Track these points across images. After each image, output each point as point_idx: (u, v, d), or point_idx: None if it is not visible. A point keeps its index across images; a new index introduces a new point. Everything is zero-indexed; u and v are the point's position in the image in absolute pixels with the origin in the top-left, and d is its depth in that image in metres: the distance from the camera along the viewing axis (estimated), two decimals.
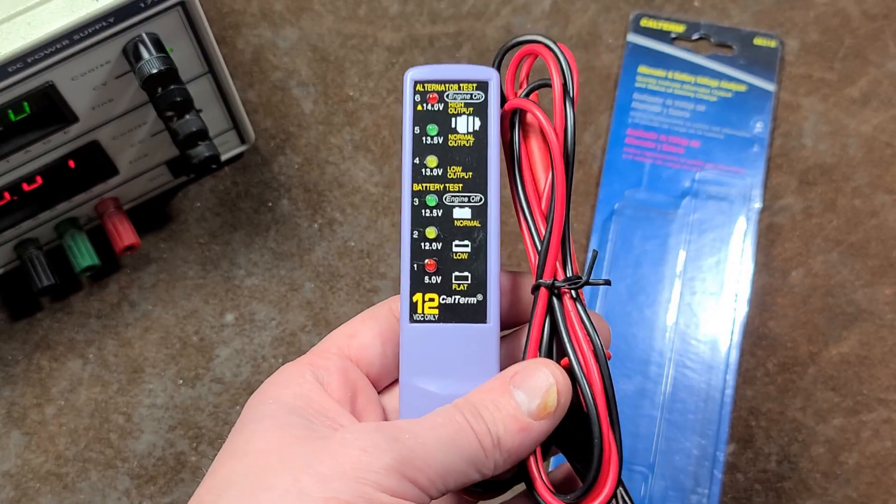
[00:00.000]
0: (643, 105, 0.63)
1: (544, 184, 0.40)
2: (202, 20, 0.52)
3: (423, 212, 0.39)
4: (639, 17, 0.65)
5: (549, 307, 0.38)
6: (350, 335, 0.40)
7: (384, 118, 0.64)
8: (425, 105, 0.39)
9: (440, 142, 0.39)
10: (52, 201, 0.56)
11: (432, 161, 0.39)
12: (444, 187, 0.39)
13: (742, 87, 0.63)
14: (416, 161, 0.39)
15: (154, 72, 0.49)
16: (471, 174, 0.39)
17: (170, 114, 0.52)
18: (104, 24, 0.48)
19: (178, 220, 0.62)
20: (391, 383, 0.41)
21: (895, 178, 0.61)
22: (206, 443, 0.58)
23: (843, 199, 0.61)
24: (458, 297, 0.39)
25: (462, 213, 0.39)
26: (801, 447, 0.57)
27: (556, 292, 0.38)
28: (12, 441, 0.58)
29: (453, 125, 0.39)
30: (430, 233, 0.39)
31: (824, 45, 0.64)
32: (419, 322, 0.39)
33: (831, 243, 0.60)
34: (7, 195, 0.54)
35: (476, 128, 0.39)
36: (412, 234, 0.39)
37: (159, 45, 0.50)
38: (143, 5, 0.49)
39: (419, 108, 0.39)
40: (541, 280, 0.38)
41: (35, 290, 0.57)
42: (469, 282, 0.39)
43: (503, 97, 0.40)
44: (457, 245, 0.39)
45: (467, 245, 0.39)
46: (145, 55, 0.50)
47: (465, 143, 0.39)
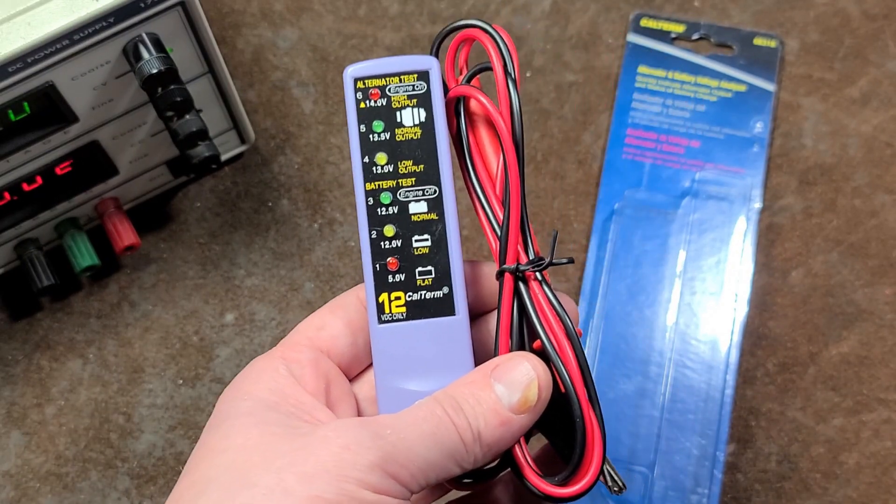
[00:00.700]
0: (643, 105, 0.63)
1: (496, 169, 0.39)
2: (202, 20, 0.52)
3: (378, 210, 0.38)
4: (639, 17, 0.65)
5: (516, 291, 0.38)
6: (319, 327, 0.39)
7: None
8: (368, 102, 0.39)
9: (387, 137, 0.39)
10: (52, 201, 0.56)
11: (382, 158, 0.39)
12: (398, 183, 0.39)
13: (742, 87, 0.63)
14: (366, 160, 0.38)
15: (154, 72, 0.49)
16: (422, 167, 0.39)
17: (170, 114, 0.52)
18: (104, 24, 0.48)
19: (178, 220, 0.62)
20: (361, 371, 0.41)
21: (895, 178, 0.61)
22: None
23: (843, 199, 0.61)
24: (423, 292, 0.38)
25: (418, 208, 0.39)
26: (801, 447, 0.57)
27: (520, 276, 0.38)
28: (12, 441, 0.58)
29: (399, 119, 0.39)
30: (389, 231, 0.38)
31: (824, 45, 0.64)
32: (388, 322, 0.38)
33: (831, 243, 0.60)
34: (7, 195, 0.54)
35: (422, 119, 0.39)
36: (370, 234, 0.38)
37: (159, 45, 0.50)
38: (143, 5, 0.49)
39: (362, 105, 0.39)
40: (504, 266, 0.38)
41: (35, 290, 0.57)
42: (433, 275, 0.38)
43: (445, 86, 0.40)
44: (416, 240, 0.38)
45: (427, 239, 0.39)
46: (145, 55, 0.50)
47: (412, 135, 0.39)
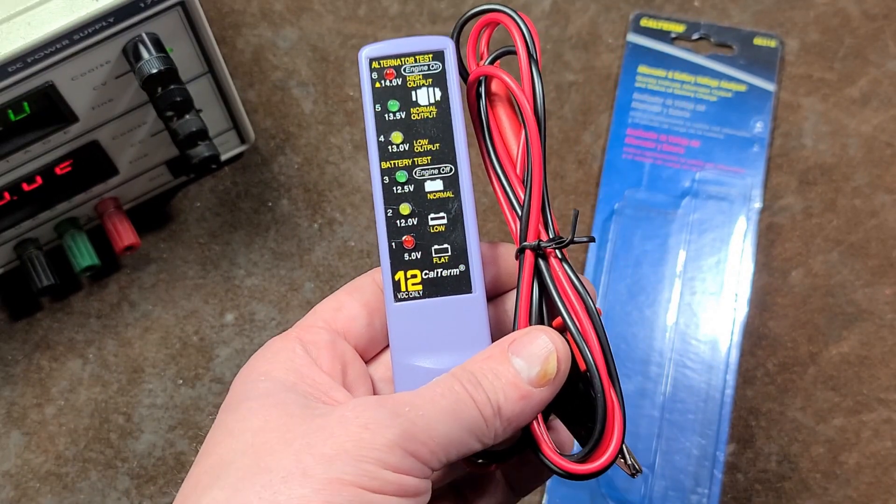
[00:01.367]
0: (643, 105, 0.63)
1: (517, 150, 0.39)
2: (202, 20, 0.52)
3: (394, 189, 0.38)
4: (639, 17, 0.65)
5: (537, 269, 0.38)
6: (336, 308, 0.39)
7: None
8: (383, 81, 0.39)
9: (403, 116, 0.39)
10: (52, 201, 0.56)
11: (397, 137, 0.39)
12: (413, 161, 0.39)
13: (742, 87, 0.63)
14: (381, 139, 0.39)
15: (154, 72, 0.49)
16: (438, 145, 0.39)
17: (170, 114, 0.52)
18: (104, 24, 0.48)
19: (178, 220, 0.62)
20: (378, 353, 0.40)
21: (895, 178, 0.61)
22: None
23: (843, 198, 0.61)
24: (440, 270, 0.38)
25: (434, 186, 0.39)
26: (802, 447, 0.57)
27: (541, 253, 0.38)
28: (12, 441, 0.58)
29: (414, 98, 0.39)
30: (405, 209, 0.38)
31: (824, 45, 0.64)
32: (404, 300, 0.38)
33: (831, 243, 0.60)
34: (7, 195, 0.54)
35: (437, 98, 0.39)
36: (386, 213, 0.38)
37: (159, 45, 0.50)
38: (142, 5, 0.48)
39: (377, 85, 0.39)
40: (525, 243, 0.38)
41: (35, 290, 0.57)
42: (449, 253, 0.38)
43: (464, 68, 0.40)
44: (433, 218, 0.38)
45: (443, 217, 0.38)
46: (145, 55, 0.50)
47: (428, 114, 0.39)
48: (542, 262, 0.38)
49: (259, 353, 0.38)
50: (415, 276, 0.38)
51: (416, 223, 0.38)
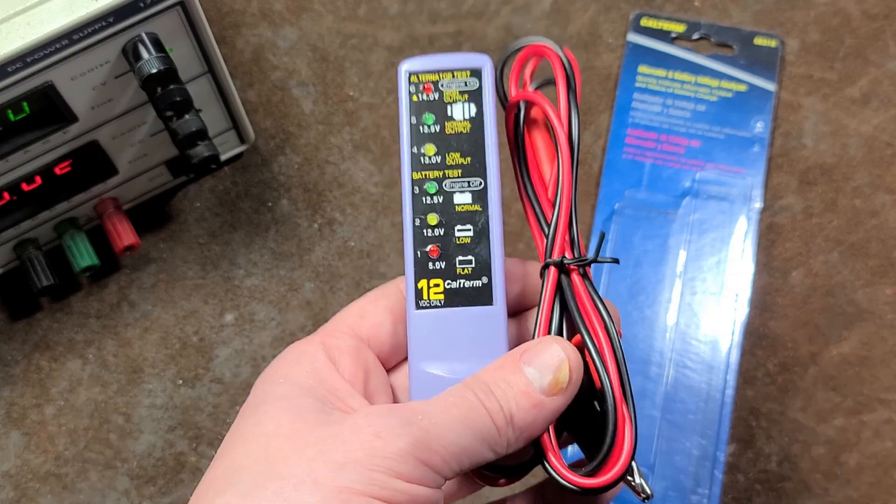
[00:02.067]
0: (643, 105, 0.63)
1: (549, 175, 0.41)
2: (202, 20, 0.51)
3: (423, 199, 0.39)
4: (639, 17, 0.65)
5: (559, 285, 0.39)
6: (361, 315, 0.40)
7: (384, 118, 0.63)
8: (420, 95, 0.40)
9: (437, 130, 0.40)
10: (52, 201, 0.56)
11: (430, 149, 0.40)
12: (444, 174, 0.39)
13: (742, 87, 0.63)
14: (415, 150, 0.39)
15: (153, 72, 0.49)
16: (469, 159, 0.39)
17: (169, 114, 0.52)
18: (104, 23, 0.48)
19: (177, 220, 0.62)
20: (399, 362, 0.41)
21: (895, 177, 0.61)
22: (205, 443, 0.58)
23: (844, 198, 0.61)
24: (462, 280, 0.39)
25: (463, 199, 0.39)
26: (802, 447, 0.56)
27: (564, 270, 0.39)
28: (12, 441, 0.58)
29: (449, 113, 0.40)
30: (432, 219, 0.39)
31: (825, 45, 0.64)
32: (425, 308, 0.39)
33: (832, 243, 0.60)
34: (6, 195, 0.54)
35: (472, 114, 0.40)
36: (414, 222, 0.39)
37: (159, 44, 0.50)
38: (142, 5, 0.48)
39: (414, 98, 0.40)
40: (549, 259, 0.39)
41: (34, 291, 0.57)
42: (473, 265, 0.39)
43: (505, 92, 0.41)
44: (459, 230, 0.39)
45: (469, 229, 0.39)
46: (145, 55, 0.50)
47: (462, 129, 0.40)
48: (564, 279, 0.39)
49: (282, 356, 0.38)
50: (437, 285, 0.39)
51: (442, 233, 0.39)
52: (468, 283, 0.39)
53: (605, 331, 0.37)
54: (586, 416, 0.37)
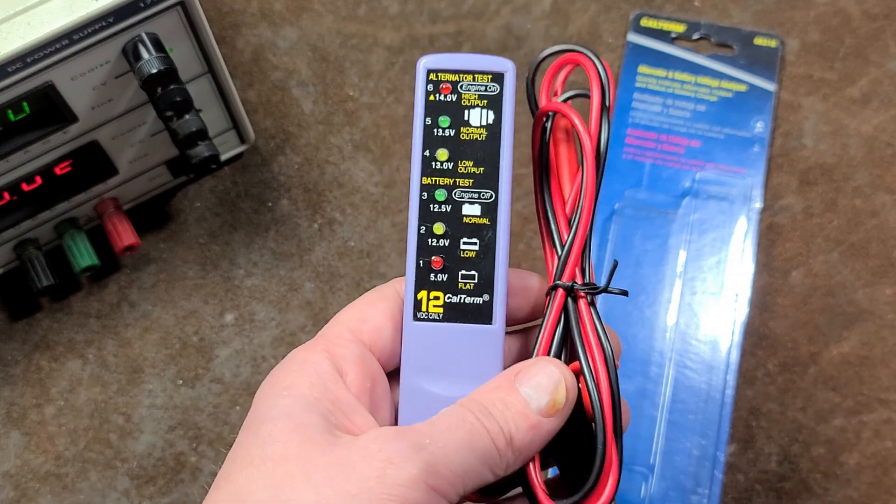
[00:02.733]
0: (643, 105, 0.63)
1: (569, 192, 0.39)
2: (202, 20, 0.51)
3: (431, 206, 0.38)
4: (639, 17, 0.65)
5: (565, 309, 0.38)
6: (362, 319, 0.38)
7: (384, 118, 0.63)
8: (438, 95, 0.38)
9: (452, 134, 0.38)
10: (52, 201, 0.56)
11: (443, 154, 0.38)
12: (454, 182, 0.38)
13: (742, 87, 0.63)
14: (427, 153, 0.38)
15: (154, 72, 0.49)
16: (482, 169, 0.38)
17: (169, 114, 0.52)
18: (104, 23, 0.48)
19: (177, 220, 0.62)
20: (398, 367, 0.40)
21: (895, 178, 0.61)
22: (205, 443, 0.58)
23: (844, 199, 0.61)
24: (463, 296, 0.38)
25: (471, 210, 0.38)
26: (802, 447, 0.56)
27: (572, 294, 0.38)
28: (12, 441, 0.58)
29: (466, 118, 0.38)
30: (438, 228, 0.38)
31: (825, 45, 0.64)
32: (423, 320, 0.38)
33: (832, 243, 0.60)
34: (6, 195, 0.54)
35: (489, 121, 0.38)
36: (419, 230, 0.38)
37: (159, 44, 0.50)
38: (142, 5, 0.48)
39: (431, 98, 0.38)
40: (559, 282, 0.38)
41: (35, 291, 0.57)
42: (476, 281, 0.38)
43: (535, 101, 0.40)
44: (465, 242, 0.38)
45: (476, 243, 0.38)
46: (145, 55, 0.50)
47: (477, 136, 0.38)
48: (570, 304, 0.38)
49: (283, 364, 0.37)
50: (437, 298, 0.38)
51: (447, 244, 0.38)
52: (469, 300, 0.38)
53: (605, 361, 0.36)
54: (571, 443, 0.37)
